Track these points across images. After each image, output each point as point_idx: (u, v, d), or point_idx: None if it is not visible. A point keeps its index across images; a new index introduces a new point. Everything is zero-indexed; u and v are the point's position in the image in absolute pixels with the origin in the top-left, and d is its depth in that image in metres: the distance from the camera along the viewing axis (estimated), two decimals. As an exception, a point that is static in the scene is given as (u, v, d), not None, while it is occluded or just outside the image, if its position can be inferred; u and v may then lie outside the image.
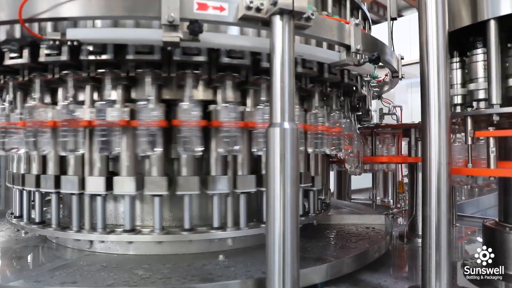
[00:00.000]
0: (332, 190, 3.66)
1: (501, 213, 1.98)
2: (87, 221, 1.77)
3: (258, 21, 1.33)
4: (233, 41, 1.53)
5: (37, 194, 1.92)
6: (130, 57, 1.60)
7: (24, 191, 1.99)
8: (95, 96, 1.77)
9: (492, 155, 1.67)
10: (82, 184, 1.74)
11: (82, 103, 1.74)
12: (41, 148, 1.71)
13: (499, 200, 1.99)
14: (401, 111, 3.44)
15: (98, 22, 1.61)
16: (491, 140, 1.68)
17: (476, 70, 1.82)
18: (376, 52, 1.66)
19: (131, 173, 1.73)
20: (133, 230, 1.75)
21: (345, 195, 3.70)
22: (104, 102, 1.68)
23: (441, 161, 1.46)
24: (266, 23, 1.31)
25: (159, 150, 1.66)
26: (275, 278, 1.24)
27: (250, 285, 1.51)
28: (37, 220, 1.93)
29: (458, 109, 1.91)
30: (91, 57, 1.59)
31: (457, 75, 1.93)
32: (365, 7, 2.35)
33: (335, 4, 2.11)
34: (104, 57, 1.59)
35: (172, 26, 1.31)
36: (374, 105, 3.69)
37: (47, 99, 1.87)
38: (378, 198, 4.14)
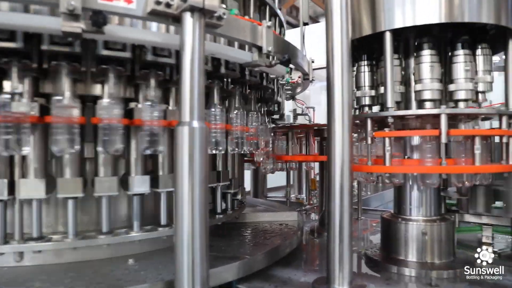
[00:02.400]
0: (248, 189, 3.73)
1: (395, 206, 2.19)
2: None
3: (168, 17, 1.29)
4: (142, 36, 1.47)
5: None
6: (44, 47, 1.45)
7: None
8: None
9: (387, 154, 1.84)
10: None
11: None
12: None
13: (394, 195, 2.20)
14: (314, 112, 3.63)
15: (3, 5, 1.41)
16: (387, 140, 1.85)
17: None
18: (287, 54, 1.72)
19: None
20: (39, 238, 1.59)
21: (261, 193, 3.79)
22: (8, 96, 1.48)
23: (344, 159, 1.57)
24: (177, 20, 1.28)
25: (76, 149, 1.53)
26: (184, 278, 1.22)
27: (159, 289, 1.46)
28: None
29: (367, 109, 2.06)
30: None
31: (365, 78, 2.10)
32: (281, 14, 2.43)
33: (255, 9, 2.15)
34: (10, 45, 1.41)
35: (73, 16, 1.21)
36: (290, 106, 3.85)
37: None
38: (293, 195, 4.32)
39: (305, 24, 2.71)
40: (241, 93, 2.11)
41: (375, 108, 2.11)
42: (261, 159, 2.31)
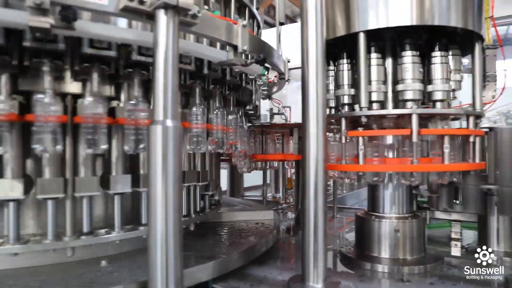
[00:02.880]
0: (225, 188, 3.72)
1: (369, 204, 2.24)
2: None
3: (141, 14, 1.27)
4: (115, 33, 1.44)
5: None
6: (27, 44, 1.39)
7: None
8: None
9: (361, 153, 1.87)
10: None
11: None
12: None
13: (368, 193, 2.25)
14: (290, 111, 3.66)
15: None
16: (360, 139, 1.88)
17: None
18: (262, 54, 1.73)
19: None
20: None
21: (238, 192, 3.79)
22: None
23: (318, 158, 1.58)
24: (150, 17, 1.26)
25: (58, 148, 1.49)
26: (157, 279, 1.21)
27: (133, 290, 1.44)
28: None
29: (346, 108, 2.07)
30: None
31: (345, 77, 2.11)
32: (257, 13, 2.43)
33: (236, 10, 2.15)
34: None
35: (40, 10, 1.17)
36: (267, 105, 3.86)
37: None
38: (269, 194, 4.34)
39: (281, 24, 2.73)
40: (221, 93, 2.10)
41: (357, 107, 2.13)
42: (239, 160, 2.31)
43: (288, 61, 2.48)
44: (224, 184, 3.45)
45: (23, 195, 1.52)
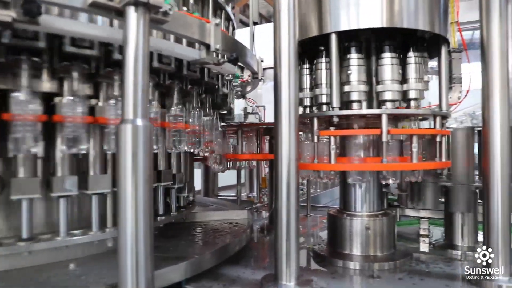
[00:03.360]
0: (199, 188, 3.69)
1: (341, 202, 2.28)
2: None
3: (111, 10, 1.24)
4: (82, 29, 1.39)
5: None
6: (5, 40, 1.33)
7: None
8: None
9: (332, 152, 1.90)
10: None
11: None
12: None
13: (340, 192, 2.29)
14: (264, 111, 3.67)
15: None
16: (332, 139, 1.91)
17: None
18: (235, 53, 1.72)
19: None
20: None
21: (212, 192, 3.77)
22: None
23: (291, 157, 1.60)
24: (120, 13, 1.23)
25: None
26: (127, 281, 1.18)
27: (102, 293, 1.41)
28: None
29: (324, 108, 2.05)
30: None
31: (322, 76, 2.10)
32: (231, 12, 2.42)
33: (202, 5, 2.13)
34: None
35: (2, 3, 1.12)
36: (242, 104, 3.86)
37: None
38: (244, 193, 4.34)
39: (255, 23, 2.73)
40: (197, 93, 2.09)
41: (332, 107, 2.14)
42: (213, 161, 2.30)
43: (262, 61, 2.49)
44: (198, 184, 3.42)
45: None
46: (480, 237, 2.20)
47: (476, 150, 2.29)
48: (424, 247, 2.39)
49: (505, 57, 1.70)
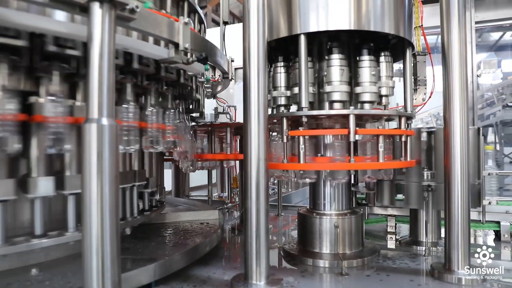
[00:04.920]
0: (169, 188, 3.64)
1: (311, 202, 2.31)
2: None
3: (74, 6, 1.20)
4: (42, 24, 1.34)
5: None
6: None
7: None
8: None
9: (301, 152, 1.92)
10: None
11: None
12: None
13: (309, 191, 2.32)
14: (235, 111, 3.67)
15: None
16: (301, 138, 1.93)
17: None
18: (204, 52, 1.71)
19: None
20: None
21: (183, 192, 3.73)
22: None
23: (260, 157, 1.60)
24: (84, 9, 1.20)
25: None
26: (93, 285, 1.15)
27: (65, 298, 1.37)
28: None
29: (293, 109, 2.08)
30: None
31: (281, 78, 2.15)
32: (201, 11, 2.40)
33: (174, 5, 2.10)
34: None
35: (-44, -3, 1.07)
36: (213, 104, 3.84)
37: None
38: (216, 193, 4.32)
39: (225, 23, 2.73)
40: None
41: (293, 108, 2.18)
42: (181, 157, 2.27)
43: (232, 61, 2.49)
44: (168, 184, 3.37)
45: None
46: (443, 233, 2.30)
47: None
48: (391, 244, 2.47)
49: (464, 61, 1.78)
